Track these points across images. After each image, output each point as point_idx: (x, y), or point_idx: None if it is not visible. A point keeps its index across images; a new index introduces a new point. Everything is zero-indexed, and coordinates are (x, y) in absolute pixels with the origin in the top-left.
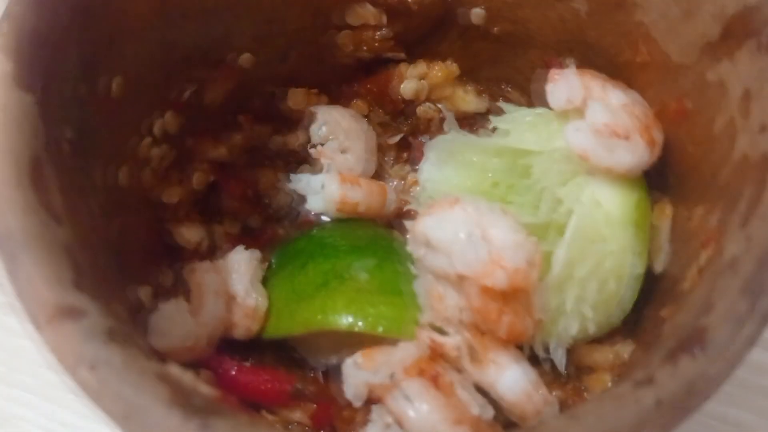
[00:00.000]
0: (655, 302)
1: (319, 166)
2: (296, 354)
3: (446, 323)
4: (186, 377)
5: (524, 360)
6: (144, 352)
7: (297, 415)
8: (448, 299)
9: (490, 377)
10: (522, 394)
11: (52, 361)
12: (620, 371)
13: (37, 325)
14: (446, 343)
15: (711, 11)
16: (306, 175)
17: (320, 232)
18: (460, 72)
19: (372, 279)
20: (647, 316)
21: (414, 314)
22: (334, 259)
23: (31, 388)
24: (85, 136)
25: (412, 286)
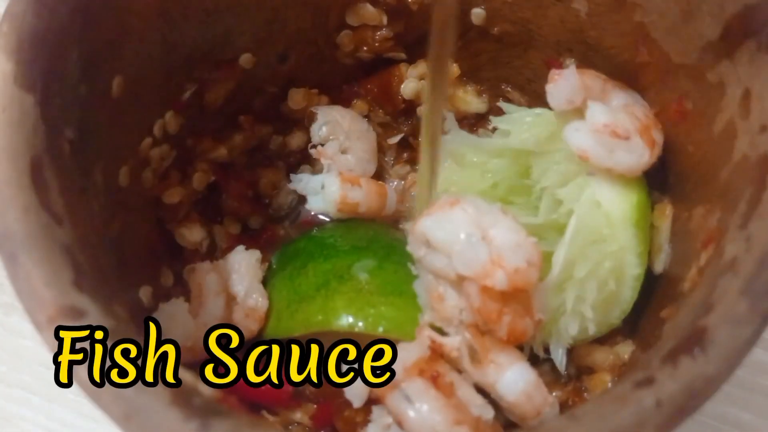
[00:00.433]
0: (655, 303)
1: (320, 167)
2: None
3: (446, 323)
4: (186, 377)
5: (524, 360)
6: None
7: (297, 416)
8: (448, 299)
9: (491, 377)
10: (522, 395)
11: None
12: (620, 372)
13: (38, 325)
14: (446, 344)
15: (711, 11)
16: (306, 175)
17: (320, 233)
18: (460, 72)
19: (372, 279)
20: (647, 317)
21: (414, 315)
22: (335, 260)
23: (32, 388)
24: (86, 137)
25: (413, 287)
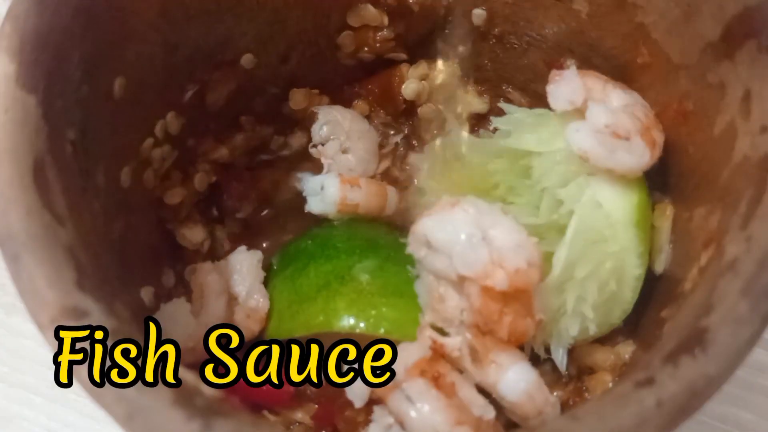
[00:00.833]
0: (656, 303)
1: (321, 167)
2: None
3: (447, 324)
4: (188, 377)
5: (525, 360)
6: None
7: (299, 416)
8: (449, 300)
9: (492, 378)
10: (523, 395)
11: None
12: (621, 372)
13: (40, 326)
14: (447, 344)
15: (711, 12)
16: (306, 176)
17: (321, 233)
18: (461, 73)
19: (373, 280)
20: (648, 317)
21: (415, 315)
22: (336, 261)
23: (34, 388)
24: (88, 137)
25: (414, 288)
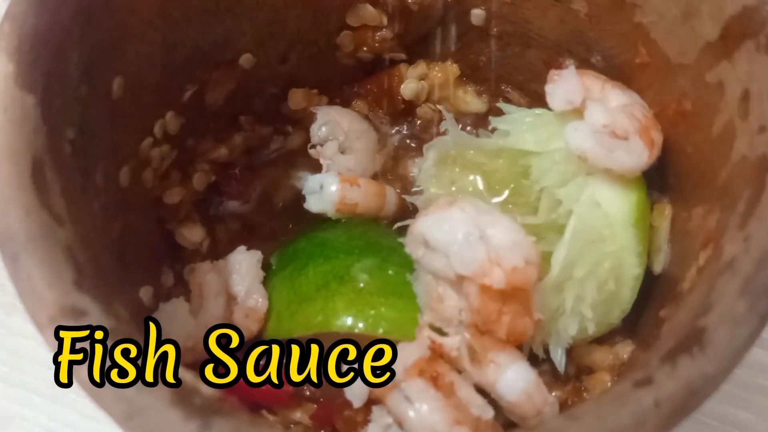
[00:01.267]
0: (655, 302)
1: (320, 167)
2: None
3: (446, 324)
4: (187, 377)
5: (524, 360)
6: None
7: (297, 415)
8: (448, 300)
9: (490, 377)
10: (522, 394)
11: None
12: (620, 371)
13: (39, 325)
14: (446, 344)
15: (710, 12)
16: (305, 175)
17: (320, 233)
18: (460, 73)
19: (372, 280)
20: (646, 317)
21: (414, 315)
22: (334, 260)
23: (33, 388)
24: (87, 137)
25: (412, 287)
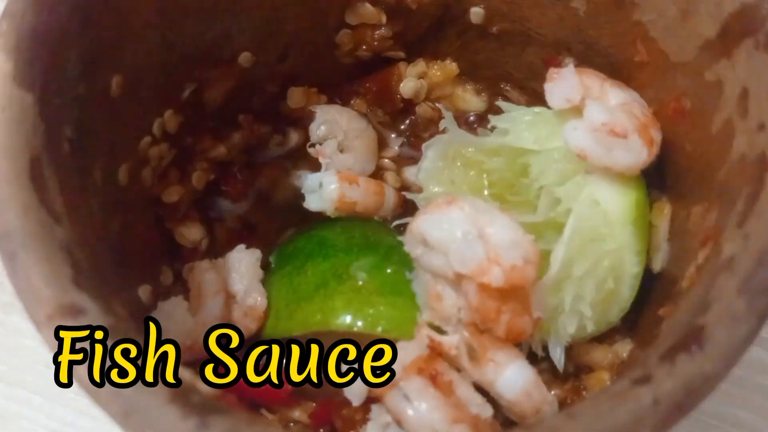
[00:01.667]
0: (654, 301)
1: (319, 165)
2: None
3: (445, 322)
4: (185, 375)
5: (523, 358)
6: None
7: (296, 414)
8: (446, 298)
9: (489, 376)
10: (521, 393)
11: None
12: (619, 370)
13: (37, 323)
14: (445, 342)
15: (709, 10)
16: (304, 173)
17: (319, 232)
18: (459, 71)
19: (371, 279)
20: (646, 315)
21: (413, 314)
22: (333, 259)
23: (33, 387)
24: (85, 135)
25: (411, 286)
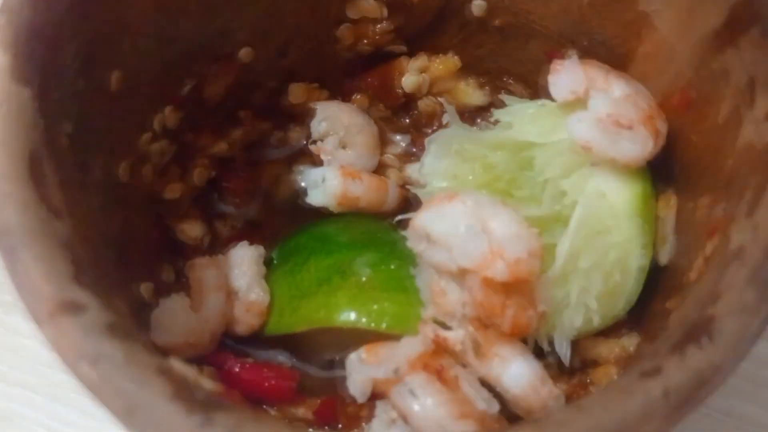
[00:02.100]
0: (661, 294)
1: (320, 162)
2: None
3: (449, 318)
4: (188, 372)
5: (529, 353)
6: (145, 347)
7: (300, 411)
8: (451, 294)
9: (495, 371)
10: (528, 388)
11: (54, 359)
12: (626, 364)
13: (38, 321)
14: (450, 338)
15: None
16: (307, 168)
17: (321, 228)
18: (462, 65)
19: (375, 275)
20: (653, 308)
21: (417, 310)
22: (336, 255)
23: (34, 387)
24: (84, 131)
25: (415, 281)
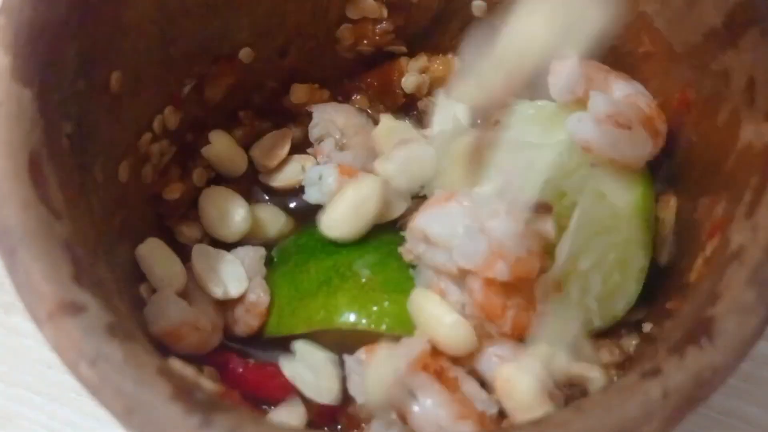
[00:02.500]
0: (661, 294)
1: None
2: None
3: None
4: (188, 372)
5: (528, 353)
6: (145, 347)
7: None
8: (450, 295)
9: (495, 371)
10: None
11: (54, 359)
12: (625, 365)
13: (38, 321)
14: None
15: None
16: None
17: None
18: (462, 65)
19: (374, 276)
20: (653, 309)
21: None
22: (336, 256)
23: (34, 387)
24: (85, 131)
25: (414, 283)
